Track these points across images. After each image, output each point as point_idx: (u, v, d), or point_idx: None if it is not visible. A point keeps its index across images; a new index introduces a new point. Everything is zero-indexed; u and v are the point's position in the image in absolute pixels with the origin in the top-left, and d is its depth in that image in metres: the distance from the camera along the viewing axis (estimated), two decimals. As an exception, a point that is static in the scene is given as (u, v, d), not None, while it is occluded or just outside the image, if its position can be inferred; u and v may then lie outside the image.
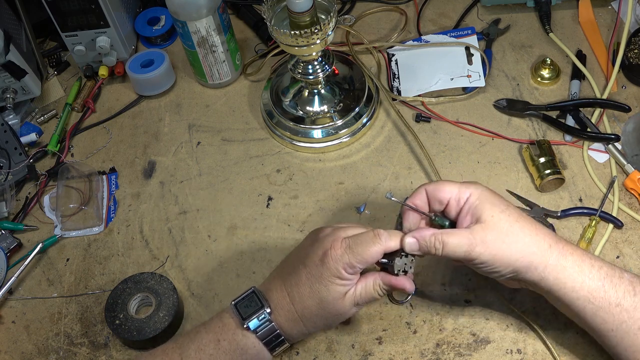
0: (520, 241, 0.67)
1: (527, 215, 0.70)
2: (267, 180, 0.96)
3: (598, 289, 0.67)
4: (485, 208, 0.68)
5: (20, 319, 0.87)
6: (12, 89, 1.02)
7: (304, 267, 0.70)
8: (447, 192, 0.70)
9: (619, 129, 0.95)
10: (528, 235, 0.68)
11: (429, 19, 1.11)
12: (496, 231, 0.67)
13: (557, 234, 0.70)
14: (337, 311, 0.70)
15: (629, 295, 0.67)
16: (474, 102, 1.00)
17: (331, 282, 0.68)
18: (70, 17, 1.01)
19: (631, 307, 0.66)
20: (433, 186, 0.71)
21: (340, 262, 0.68)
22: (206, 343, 0.70)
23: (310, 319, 0.70)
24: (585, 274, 0.67)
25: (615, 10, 1.07)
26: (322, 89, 0.98)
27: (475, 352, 0.78)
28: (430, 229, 0.70)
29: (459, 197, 0.70)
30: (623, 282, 0.67)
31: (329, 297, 0.69)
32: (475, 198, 0.69)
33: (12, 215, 0.96)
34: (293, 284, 0.70)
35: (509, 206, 0.69)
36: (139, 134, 1.04)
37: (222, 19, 0.98)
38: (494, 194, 0.70)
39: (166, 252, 0.91)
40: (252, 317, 0.70)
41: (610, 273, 0.68)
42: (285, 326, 0.71)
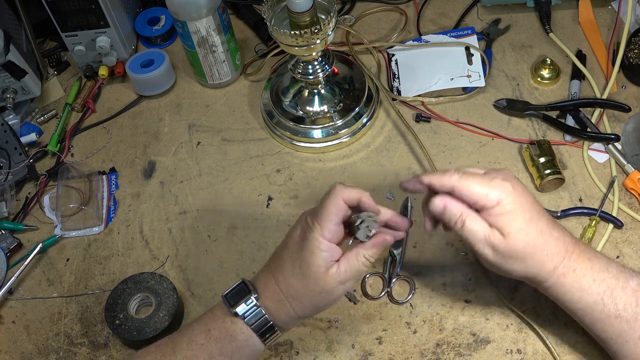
0: (528, 261, 0.68)
1: (550, 226, 0.69)
2: (267, 180, 0.96)
3: (596, 302, 0.68)
4: (507, 224, 0.67)
5: (20, 319, 0.87)
6: (12, 89, 1.02)
7: (285, 247, 0.71)
8: (473, 197, 0.68)
9: (619, 129, 0.95)
10: (538, 257, 0.68)
11: (429, 19, 1.11)
12: (510, 248, 0.67)
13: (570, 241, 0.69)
14: (321, 287, 0.68)
15: (630, 307, 0.67)
16: (474, 102, 1.00)
17: (311, 253, 0.68)
18: (70, 17, 1.01)
19: (632, 318, 0.67)
20: (459, 188, 0.68)
21: (315, 229, 0.68)
22: (197, 334, 0.70)
23: (295, 298, 0.69)
24: (584, 290, 0.68)
25: (615, 10, 1.07)
26: (322, 89, 0.98)
27: (475, 352, 0.78)
28: (460, 205, 0.68)
29: (485, 203, 0.68)
30: (626, 293, 0.67)
31: (309, 272, 0.68)
32: (500, 211, 0.67)
33: (12, 215, 0.96)
34: (277, 265, 0.71)
35: (532, 218, 0.68)
36: (139, 134, 1.04)
37: (222, 19, 0.98)
38: (522, 197, 0.68)
39: (166, 252, 0.91)
40: (240, 303, 0.70)
41: (612, 285, 0.68)
42: (273, 309, 0.70)
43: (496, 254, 0.68)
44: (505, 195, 0.67)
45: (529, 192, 0.70)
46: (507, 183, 0.68)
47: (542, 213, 0.69)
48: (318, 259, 0.68)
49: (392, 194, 0.92)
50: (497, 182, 0.68)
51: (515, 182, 0.69)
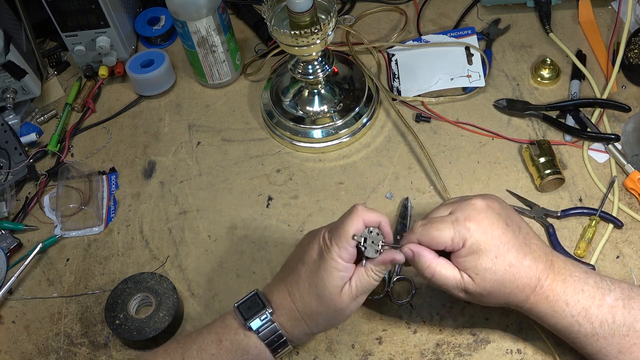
0: (499, 296, 0.69)
1: (521, 255, 0.68)
2: (267, 180, 0.96)
3: (572, 325, 0.68)
4: (473, 265, 0.68)
5: (20, 319, 0.87)
6: (12, 89, 1.02)
7: (303, 264, 0.70)
8: (440, 245, 0.69)
9: (619, 129, 0.95)
10: (508, 290, 0.68)
11: (429, 19, 1.11)
12: (480, 288, 0.68)
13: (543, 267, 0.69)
14: (336, 306, 0.69)
15: (606, 324, 0.67)
16: (474, 102, 1.00)
17: (328, 274, 0.68)
18: (70, 17, 1.01)
19: (609, 335, 0.67)
20: (427, 239, 0.69)
21: (333, 250, 0.68)
22: (208, 343, 0.70)
23: (311, 317, 0.70)
24: (558, 314, 0.68)
25: (615, 10, 1.07)
26: (322, 89, 0.98)
27: (475, 352, 0.78)
28: (430, 253, 0.69)
29: (453, 247, 0.68)
30: (601, 311, 0.67)
31: (325, 292, 0.68)
32: (465, 253, 0.68)
33: (12, 215, 0.96)
34: (293, 283, 0.71)
35: (499, 254, 0.67)
36: (139, 134, 1.04)
37: (222, 19, 0.98)
38: (488, 234, 0.68)
39: (166, 252, 0.91)
40: (254, 318, 0.70)
41: (587, 305, 0.68)
42: (288, 326, 0.71)
43: (469, 295, 0.70)
44: (469, 236, 0.67)
45: (500, 219, 0.68)
46: (469, 222, 0.68)
47: (511, 244, 0.68)
48: (335, 280, 0.68)
49: (392, 194, 0.92)
50: (459, 225, 0.68)
51: (481, 215, 0.68)
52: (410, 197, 0.91)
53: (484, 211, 0.69)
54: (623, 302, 0.67)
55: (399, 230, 0.87)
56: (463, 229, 0.68)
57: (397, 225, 0.88)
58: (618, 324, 0.67)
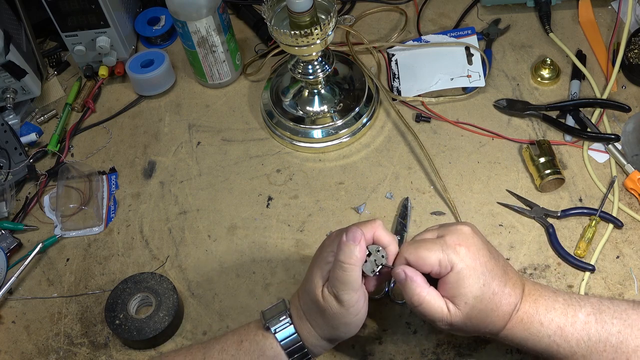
0: (480, 326, 0.67)
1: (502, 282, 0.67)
2: (267, 180, 0.96)
3: (549, 345, 0.67)
4: (462, 293, 0.66)
5: (20, 319, 0.87)
6: (12, 89, 1.02)
7: (323, 311, 0.69)
8: (427, 267, 0.67)
9: (619, 129, 0.95)
10: (490, 320, 0.67)
11: (429, 19, 1.11)
12: (465, 318, 0.66)
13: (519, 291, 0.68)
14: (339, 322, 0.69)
15: (582, 342, 0.66)
16: (474, 102, 1.00)
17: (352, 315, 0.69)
18: (70, 17, 1.01)
19: (587, 352, 0.66)
20: (414, 259, 0.68)
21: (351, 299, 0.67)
22: (230, 344, 0.71)
23: (312, 318, 0.70)
24: (534, 336, 0.67)
25: (615, 10, 1.07)
26: (322, 89, 0.98)
27: (475, 352, 0.78)
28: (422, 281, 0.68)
29: (440, 271, 0.67)
30: (576, 329, 0.66)
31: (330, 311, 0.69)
32: (454, 279, 0.66)
33: (12, 215, 0.96)
34: (302, 282, 0.72)
35: (486, 282, 0.66)
36: (139, 134, 1.04)
37: (222, 19, 0.98)
38: (476, 260, 0.66)
39: (166, 252, 0.91)
40: (274, 318, 0.71)
41: (562, 323, 0.67)
42: (299, 327, 0.71)
43: (453, 327, 0.68)
44: (459, 261, 0.66)
45: (484, 247, 0.68)
46: (460, 247, 0.67)
47: (494, 272, 0.67)
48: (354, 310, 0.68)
49: (391, 194, 0.92)
50: (449, 248, 0.67)
51: (469, 241, 0.67)
52: (410, 197, 0.91)
53: (471, 237, 0.68)
54: (595, 317, 0.67)
55: (399, 230, 0.88)
56: (452, 253, 0.66)
57: (397, 226, 0.88)
58: (594, 340, 0.66)
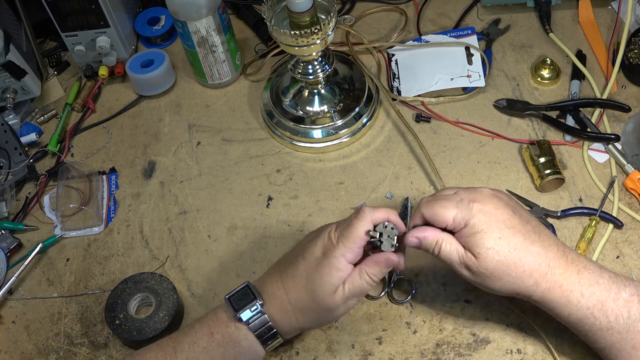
0: (504, 279, 0.68)
1: (528, 241, 0.68)
2: (267, 180, 0.96)
3: (586, 317, 0.68)
4: (475, 244, 0.68)
5: (20, 319, 0.87)
6: (12, 89, 1.02)
7: (303, 259, 0.70)
8: (442, 223, 0.70)
9: (619, 129, 0.95)
10: (514, 273, 0.68)
11: (429, 19, 1.11)
12: (483, 268, 0.68)
13: (554, 256, 0.68)
14: (327, 305, 0.69)
15: (621, 318, 0.67)
16: (474, 102, 1.00)
17: (328, 272, 0.68)
18: (70, 17, 1.01)
19: (624, 329, 0.67)
20: (430, 214, 0.70)
21: (338, 249, 0.68)
22: (200, 337, 0.71)
23: (301, 311, 0.70)
24: (573, 305, 0.68)
25: (615, 10, 1.07)
26: (322, 89, 0.98)
27: (475, 352, 0.78)
28: (434, 233, 0.70)
29: (455, 226, 0.69)
30: (617, 304, 0.67)
31: (319, 290, 0.69)
32: (468, 233, 0.68)
33: (12, 215, 0.96)
34: (290, 276, 0.71)
35: (504, 236, 0.68)
36: (139, 134, 1.04)
37: (222, 19, 0.98)
38: (492, 216, 0.68)
39: (166, 252, 0.91)
40: (245, 309, 0.70)
41: (603, 298, 0.67)
42: (277, 317, 0.71)
43: (473, 274, 0.69)
44: (471, 216, 0.68)
45: (507, 207, 0.69)
46: (473, 204, 0.69)
47: (517, 229, 0.68)
48: (333, 278, 0.68)
49: (392, 194, 0.92)
50: (463, 204, 0.69)
51: (486, 200, 0.69)
52: (410, 197, 0.91)
53: (489, 197, 0.70)
54: (639, 298, 0.67)
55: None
56: (466, 209, 0.68)
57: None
58: (633, 318, 0.66)
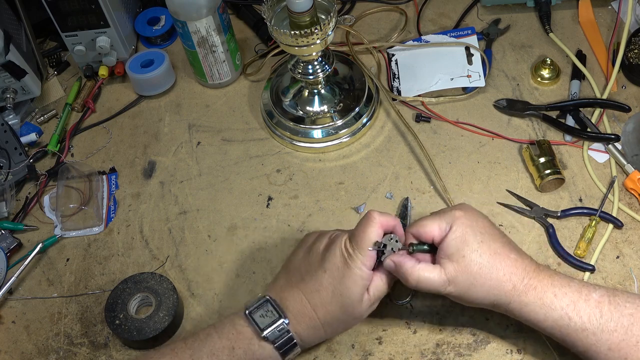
0: (486, 284, 0.70)
1: (507, 248, 0.71)
2: (267, 180, 0.96)
3: (562, 317, 0.69)
4: (459, 248, 0.70)
5: (20, 319, 0.87)
6: (12, 89, 1.02)
7: (325, 272, 0.70)
8: (428, 233, 0.72)
9: (619, 129, 0.95)
10: (495, 277, 0.70)
11: (429, 19, 1.11)
12: (466, 274, 0.69)
13: (528, 263, 0.71)
14: (356, 314, 0.71)
15: (594, 318, 0.68)
16: (474, 102, 1.00)
17: (354, 282, 0.69)
18: (70, 17, 1.01)
19: (598, 330, 0.67)
20: (415, 229, 0.73)
21: (357, 259, 0.69)
22: (219, 349, 0.70)
23: (332, 324, 0.71)
24: (547, 306, 0.69)
25: (615, 10, 1.07)
26: (322, 89, 0.98)
27: (475, 352, 0.78)
28: (410, 261, 0.71)
29: (440, 235, 0.71)
30: (589, 305, 0.68)
31: (349, 300, 0.69)
32: (452, 237, 0.70)
33: (12, 215, 0.96)
34: (314, 291, 0.70)
35: (484, 240, 0.70)
36: (139, 134, 1.04)
37: (222, 19, 0.98)
38: (474, 221, 0.71)
39: (166, 252, 0.91)
40: (270, 328, 0.70)
41: (575, 298, 0.69)
42: (304, 334, 0.71)
43: (457, 287, 0.70)
44: (454, 220, 0.71)
45: (485, 219, 0.73)
46: (456, 211, 0.72)
47: (497, 236, 0.71)
48: (359, 288, 0.69)
49: (391, 194, 0.92)
50: (446, 212, 0.72)
51: (468, 208, 0.73)
52: (410, 197, 0.91)
53: (470, 208, 0.74)
54: (608, 299, 0.68)
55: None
56: (449, 216, 0.71)
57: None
58: (605, 318, 0.67)
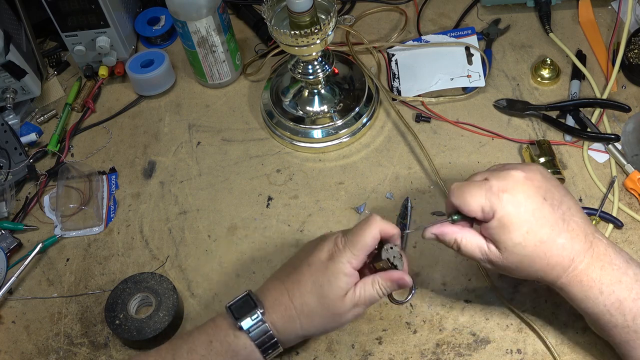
0: (528, 270, 0.68)
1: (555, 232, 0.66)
2: (267, 180, 0.96)
3: (603, 313, 0.67)
4: (502, 239, 0.67)
5: (20, 319, 0.87)
6: (12, 89, 1.02)
7: (308, 265, 0.70)
8: (471, 213, 0.68)
9: (619, 129, 0.95)
10: (538, 266, 0.67)
11: (429, 19, 1.11)
12: (507, 261, 0.68)
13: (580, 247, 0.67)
14: (336, 309, 0.69)
15: (639, 319, 0.66)
16: (474, 102, 1.00)
17: (335, 277, 0.68)
18: (70, 17, 1.01)
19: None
20: (458, 201, 0.69)
21: (344, 255, 0.69)
22: (198, 344, 0.70)
23: (308, 316, 0.70)
24: (590, 300, 0.67)
25: (615, 10, 1.07)
26: (322, 89, 0.98)
27: (475, 352, 0.78)
28: (452, 230, 0.70)
29: (484, 216, 0.68)
30: (636, 305, 0.66)
31: (330, 294, 0.69)
32: (494, 225, 0.67)
33: (12, 215, 0.96)
34: (294, 281, 0.70)
35: (531, 230, 0.66)
36: (139, 134, 1.04)
37: (222, 19, 0.98)
38: (521, 207, 0.66)
39: (166, 252, 0.91)
40: (245, 317, 0.69)
41: (622, 297, 0.66)
42: (280, 325, 0.70)
43: (496, 267, 0.70)
44: (500, 208, 0.66)
45: (538, 194, 0.67)
46: (503, 194, 0.67)
47: (546, 219, 0.66)
48: (341, 283, 0.69)
49: (392, 194, 0.92)
50: (492, 194, 0.67)
51: (517, 188, 0.67)
52: (410, 197, 0.90)
53: (521, 183, 0.67)
54: None
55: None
56: (495, 200, 0.66)
57: (397, 225, 0.88)
58: None
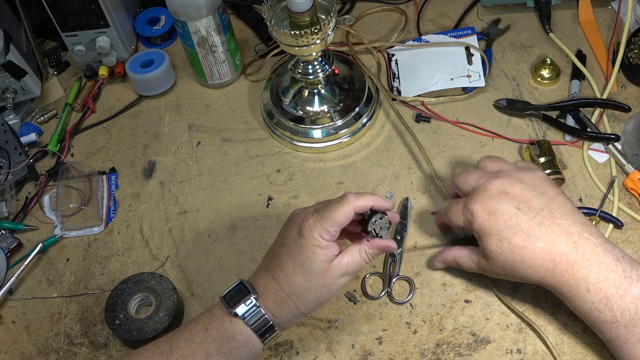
0: (515, 272, 0.73)
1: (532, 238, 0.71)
2: (267, 180, 0.96)
3: (591, 310, 0.69)
4: (484, 241, 0.74)
5: (20, 319, 0.87)
6: (12, 89, 1.02)
7: (284, 246, 0.71)
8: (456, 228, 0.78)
9: (619, 129, 0.95)
10: (520, 269, 0.72)
11: (429, 19, 1.11)
12: (492, 266, 0.75)
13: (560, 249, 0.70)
14: (324, 281, 0.70)
15: (628, 314, 0.67)
16: (474, 102, 1.00)
17: (312, 252, 0.69)
18: (70, 17, 1.01)
19: (630, 324, 0.67)
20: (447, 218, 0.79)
21: (315, 230, 0.69)
22: (195, 333, 0.71)
23: (299, 295, 0.70)
24: (578, 299, 0.70)
25: (615, 10, 1.07)
26: (322, 89, 0.98)
27: (475, 352, 0.78)
28: (450, 252, 0.81)
29: (469, 230, 0.76)
30: (624, 301, 0.67)
31: (313, 268, 0.69)
32: (476, 235, 0.75)
33: (12, 215, 0.96)
34: (276, 266, 0.71)
35: (503, 237, 0.71)
36: (139, 134, 1.04)
37: (222, 19, 0.98)
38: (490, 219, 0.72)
39: (166, 252, 0.91)
40: (239, 304, 0.70)
41: (610, 294, 0.68)
42: (274, 309, 0.71)
43: (489, 273, 0.77)
44: (474, 222, 0.74)
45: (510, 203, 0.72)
46: (474, 206, 0.74)
47: (519, 227, 0.71)
48: (319, 256, 0.69)
49: (391, 194, 0.92)
50: (467, 211, 0.75)
51: (489, 201, 0.73)
52: (410, 197, 0.91)
53: (493, 197, 0.73)
54: None
55: (399, 230, 0.88)
56: (470, 215, 0.74)
57: (397, 226, 0.88)
58: None
